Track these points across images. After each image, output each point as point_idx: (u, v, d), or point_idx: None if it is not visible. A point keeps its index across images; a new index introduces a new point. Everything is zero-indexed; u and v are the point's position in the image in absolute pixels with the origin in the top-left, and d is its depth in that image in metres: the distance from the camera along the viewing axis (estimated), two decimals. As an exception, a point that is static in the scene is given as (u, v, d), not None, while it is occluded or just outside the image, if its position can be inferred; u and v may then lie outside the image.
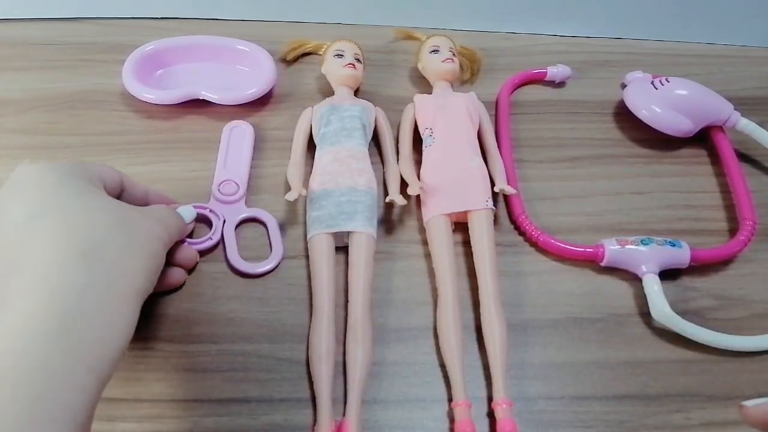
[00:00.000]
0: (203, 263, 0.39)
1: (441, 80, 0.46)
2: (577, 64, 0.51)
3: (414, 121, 0.45)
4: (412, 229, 0.41)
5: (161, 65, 0.48)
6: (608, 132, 0.48)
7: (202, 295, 0.37)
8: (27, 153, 0.44)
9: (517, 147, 0.46)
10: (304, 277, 0.38)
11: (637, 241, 0.39)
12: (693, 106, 0.45)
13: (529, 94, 0.50)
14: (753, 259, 0.41)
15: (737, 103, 0.46)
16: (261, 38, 0.49)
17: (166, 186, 0.42)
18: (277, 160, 0.44)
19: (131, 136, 0.45)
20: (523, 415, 0.34)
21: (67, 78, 0.48)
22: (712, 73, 0.52)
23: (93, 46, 0.50)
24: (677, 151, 0.47)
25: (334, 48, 0.46)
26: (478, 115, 0.44)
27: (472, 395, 0.34)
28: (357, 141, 0.41)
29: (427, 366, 0.35)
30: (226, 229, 0.40)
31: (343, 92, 0.45)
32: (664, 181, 0.45)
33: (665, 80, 0.45)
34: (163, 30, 0.51)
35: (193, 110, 0.46)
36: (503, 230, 0.41)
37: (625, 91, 0.47)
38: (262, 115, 0.46)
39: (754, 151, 0.47)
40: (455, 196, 0.40)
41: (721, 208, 0.44)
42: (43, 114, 0.46)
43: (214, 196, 0.41)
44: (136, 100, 0.46)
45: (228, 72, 0.49)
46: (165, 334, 0.36)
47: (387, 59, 0.51)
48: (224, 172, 0.42)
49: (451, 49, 0.47)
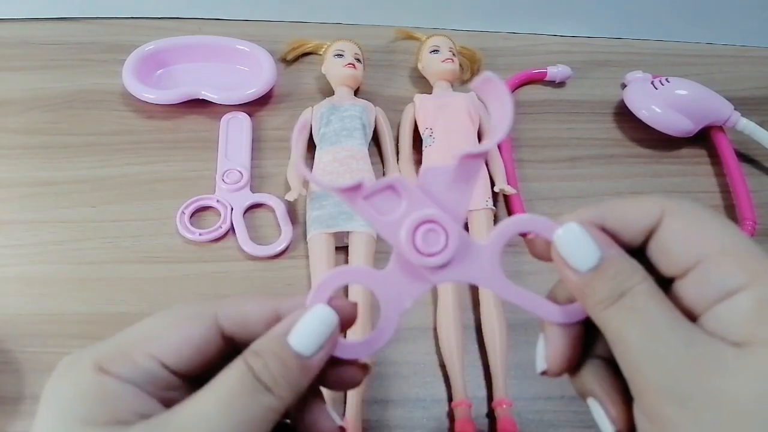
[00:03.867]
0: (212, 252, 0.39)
1: (441, 80, 0.46)
2: (577, 64, 0.51)
3: (414, 121, 0.45)
4: (412, 229, 0.41)
5: (161, 65, 0.48)
6: (608, 132, 0.48)
7: (202, 295, 0.37)
8: (27, 153, 0.44)
9: (517, 147, 0.46)
10: (304, 277, 0.38)
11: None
12: (693, 106, 0.45)
13: (529, 94, 0.50)
14: (753, 259, 0.41)
15: (737, 103, 0.46)
16: (261, 38, 0.49)
17: (166, 186, 0.42)
18: (277, 160, 0.44)
19: (131, 136, 0.45)
20: (523, 415, 0.34)
21: (67, 78, 0.48)
22: (712, 73, 0.52)
23: (93, 46, 0.50)
24: (677, 151, 0.47)
25: (334, 48, 0.46)
26: (478, 115, 0.44)
27: (472, 395, 0.34)
28: (357, 141, 0.41)
29: (427, 366, 0.35)
30: (234, 216, 0.40)
31: (343, 92, 0.45)
32: (664, 181, 0.45)
33: (665, 80, 0.45)
34: (163, 30, 0.51)
35: (193, 110, 0.46)
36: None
37: (625, 91, 0.47)
38: (262, 115, 0.46)
39: (754, 151, 0.47)
40: (455, 196, 0.40)
41: (721, 208, 0.44)
42: (43, 114, 0.46)
43: (220, 186, 0.41)
44: (136, 100, 0.46)
45: (228, 72, 0.49)
46: (165, 334, 0.36)
47: (387, 59, 0.51)
48: (226, 162, 0.43)
49: (451, 49, 0.47)
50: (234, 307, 0.20)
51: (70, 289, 0.37)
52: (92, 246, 0.39)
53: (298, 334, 0.19)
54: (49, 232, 0.40)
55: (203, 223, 0.40)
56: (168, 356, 0.19)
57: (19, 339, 0.35)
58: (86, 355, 0.19)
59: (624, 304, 0.18)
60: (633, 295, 0.18)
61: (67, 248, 0.39)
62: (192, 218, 0.40)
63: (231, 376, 0.18)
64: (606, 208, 0.20)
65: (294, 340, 0.19)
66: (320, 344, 0.19)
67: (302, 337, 0.19)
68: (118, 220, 0.40)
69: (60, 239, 0.39)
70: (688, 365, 0.17)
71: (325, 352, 0.19)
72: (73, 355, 0.20)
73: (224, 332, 0.20)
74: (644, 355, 0.18)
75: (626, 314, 0.18)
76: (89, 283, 0.38)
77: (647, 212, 0.19)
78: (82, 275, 0.38)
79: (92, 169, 0.43)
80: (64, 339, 0.36)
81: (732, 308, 0.17)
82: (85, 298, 0.37)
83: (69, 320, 0.36)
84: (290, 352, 0.19)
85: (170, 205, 0.41)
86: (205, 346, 0.20)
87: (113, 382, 0.19)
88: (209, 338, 0.20)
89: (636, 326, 0.18)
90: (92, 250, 0.39)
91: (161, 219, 0.40)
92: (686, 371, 0.17)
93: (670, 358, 0.17)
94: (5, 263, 0.38)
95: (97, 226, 0.40)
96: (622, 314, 0.18)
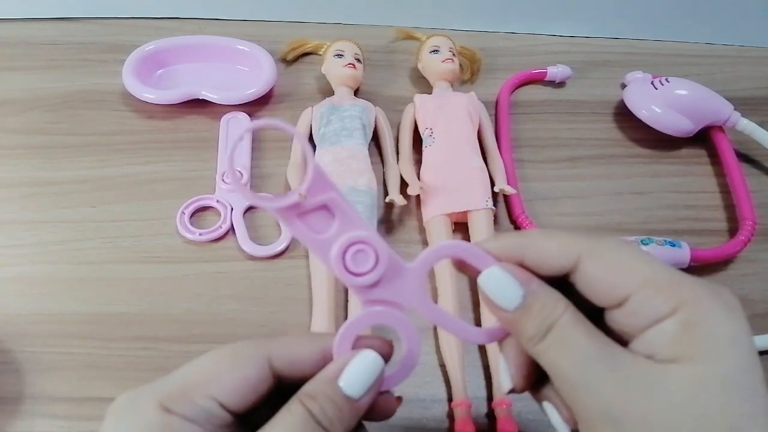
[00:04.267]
0: (212, 252, 0.39)
1: (441, 80, 0.46)
2: (577, 64, 0.51)
3: (414, 121, 0.45)
4: (412, 229, 0.41)
5: (161, 65, 0.48)
6: (608, 132, 0.48)
7: (202, 295, 0.37)
8: (27, 153, 0.44)
9: (517, 147, 0.46)
10: (304, 277, 0.38)
11: (637, 242, 0.39)
12: (693, 106, 0.45)
13: (529, 94, 0.50)
14: (753, 259, 0.41)
15: (737, 103, 0.46)
16: (261, 38, 0.49)
17: (166, 186, 0.42)
18: (277, 160, 0.44)
19: (131, 136, 0.45)
20: (523, 415, 0.34)
21: (68, 78, 0.48)
22: (712, 73, 0.52)
23: (93, 46, 0.50)
24: (677, 151, 0.47)
25: (334, 48, 0.46)
26: (478, 115, 0.44)
27: (472, 395, 0.34)
28: (357, 141, 0.41)
29: (427, 366, 0.35)
30: (234, 216, 0.40)
31: (343, 92, 0.45)
32: (664, 181, 0.45)
33: (665, 80, 0.45)
34: (163, 30, 0.51)
35: (193, 110, 0.46)
36: (503, 230, 0.41)
37: (625, 91, 0.47)
38: (262, 115, 0.46)
39: (754, 151, 0.47)
40: (455, 196, 0.40)
41: (721, 208, 0.44)
42: (43, 114, 0.46)
43: (220, 186, 0.41)
44: (136, 100, 0.46)
45: (228, 72, 0.49)
46: (165, 334, 0.36)
47: (387, 59, 0.51)
48: (226, 162, 0.43)
49: (451, 49, 0.47)
50: (285, 348, 0.22)
51: (70, 289, 0.37)
52: (92, 246, 0.39)
53: (348, 379, 0.20)
54: (49, 232, 0.40)
55: (203, 223, 0.40)
56: (227, 396, 0.20)
57: (19, 339, 0.35)
58: (147, 395, 0.20)
59: (552, 338, 0.19)
60: (558, 328, 0.19)
61: (67, 248, 0.39)
62: (192, 218, 0.40)
63: (291, 417, 0.20)
64: (526, 241, 0.21)
65: (345, 383, 0.20)
66: (368, 388, 0.21)
67: (352, 382, 0.21)
68: (118, 220, 0.40)
69: (60, 239, 0.39)
70: (616, 388, 0.18)
71: (373, 394, 0.21)
72: (131, 392, 0.20)
73: (274, 371, 0.21)
74: (576, 384, 0.19)
75: (555, 348, 0.19)
76: (89, 283, 0.38)
77: (564, 253, 0.20)
78: (82, 275, 0.38)
79: (92, 169, 0.43)
80: (64, 339, 0.36)
81: (660, 332, 0.18)
82: (85, 298, 0.37)
83: (69, 320, 0.36)
84: (342, 395, 0.20)
85: (170, 205, 0.41)
86: (259, 386, 0.21)
87: (179, 421, 0.19)
88: (263, 378, 0.21)
89: (565, 358, 0.19)
90: (92, 250, 0.39)
91: (161, 219, 0.40)
92: (615, 395, 0.18)
93: (599, 385, 0.18)
94: (5, 263, 0.38)
95: (97, 226, 0.40)
96: (552, 348, 0.19)
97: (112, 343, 0.35)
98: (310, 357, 0.21)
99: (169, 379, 0.21)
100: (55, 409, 0.33)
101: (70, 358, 0.35)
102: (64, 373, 0.34)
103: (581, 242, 0.20)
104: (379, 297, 0.22)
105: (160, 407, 0.19)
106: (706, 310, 0.18)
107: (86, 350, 0.35)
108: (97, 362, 0.35)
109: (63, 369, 0.34)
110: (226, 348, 0.21)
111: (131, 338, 0.36)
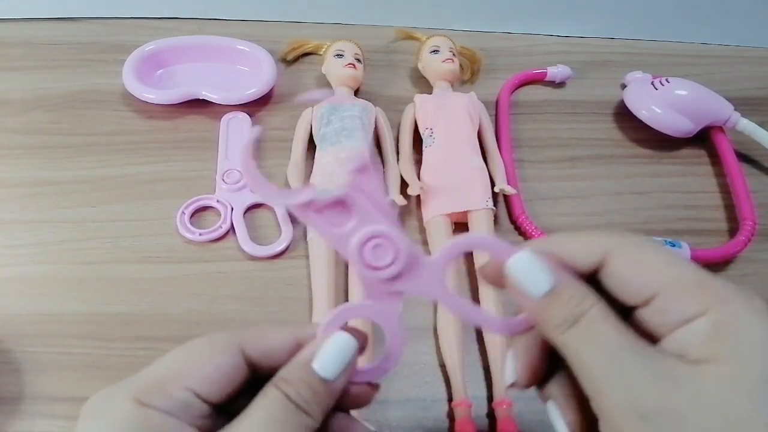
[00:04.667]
0: (212, 252, 0.39)
1: (441, 80, 0.46)
2: (577, 64, 0.51)
3: (414, 121, 0.45)
4: (412, 229, 0.41)
5: (161, 65, 0.48)
6: (608, 132, 0.48)
7: (202, 295, 0.37)
8: (27, 153, 0.44)
9: (517, 147, 0.46)
10: (304, 277, 0.38)
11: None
12: (693, 106, 0.45)
13: (529, 94, 0.50)
14: (753, 259, 0.41)
15: (737, 103, 0.46)
16: (261, 38, 0.50)
17: (166, 186, 0.42)
18: (277, 160, 0.44)
19: (131, 136, 0.45)
20: (523, 415, 0.34)
21: (68, 78, 0.48)
22: (712, 73, 0.52)
23: (93, 46, 0.50)
24: (677, 151, 0.47)
25: (334, 48, 0.46)
26: (478, 115, 0.44)
27: (472, 395, 0.34)
28: (357, 141, 0.41)
29: (427, 366, 0.35)
30: (234, 216, 0.40)
31: (343, 92, 0.45)
32: (664, 181, 0.45)
33: (665, 80, 0.45)
34: (163, 30, 0.51)
35: (193, 110, 0.46)
36: (503, 230, 0.41)
37: (625, 91, 0.47)
38: (262, 115, 0.46)
39: (754, 151, 0.47)
40: (455, 197, 0.40)
41: (721, 208, 0.44)
42: (43, 114, 0.46)
43: (220, 186, 0.41)
44: (137, 100, 0.46)
45: (228, 72, 0.49)
46: (165, 334, 0.36)
47: (387, 59, 0.51)
48: (226, 162, 0.43)
49: (451, 49, 0.47)
50: (258, 337, 0.22)
51: (70, 289, 0.37)
52: (92, 246, 0.39)
53: (322, 361, 0.20)
54: (49, 232, 0.40)
55: (203, 223, 0.40)
56: (202, 387, 0.20)
57: (19, 339, 0.35)
58: (122, 391, 0.20)
59: (581, 328, 0.19)
60: (588, 319, 0.19)
61: (67, 248, 0.39)
62: (192, 218, 0.40)
63: (268, 401, 0.20)
64: (551, 243, 0.21)
65: (318, 366, 0.20)
66: (342, 369, 0.21)
67: (326, 363, 0.20)
68: (118, 220, 0.40)
69: (60, 239, 0.39)
70: (648, 384, 0.18)
71: (347, 375, 0.21)
72: (104, 390, 0.20)
73: (248, 361, 0.21)
74: (604, 375, 0.18)
75: (584, 337, 0.19)
76: (89, 283, 0.38)
77: (590, 251, 0.20)
78: (82, 275, 0.38)
79: (92, 169, 0.43)
80: (64, 339, 0.35)
81: (691, 332, 0.18)
82: (85, 298, 0.37)
83: (69, 320, 0.36)
84: (317, 377, 0.20)
85: (170, 205, 0.41)
86: (234, 375, 0.21)
87: (157, 414, 0.19)
88: (237, 367, 0.21)
89: (594, 348, 0.19)
90: (92, 250, 0.39)
91: (161, 219, 0.40)
92: (646, 389, 0.17)
93: (629, 378, 0.18)
94: (5, 263, 0.38)
95: (97, 226, 0.40)
96: (580, 337, 0.19)
97: (112, 343, 0.35)
98: (284, 346, 0.21)
99: (142, 374, 0.20)
100: (55, 409, 0.33)
101: (70, 358, 0.35)
102: (64, 373, 0.34)
103: (607, 240, 0.20)
104: (399, 290, 0.22)
105: (135, 402, 0.19)
106: (736, 312, 0.18)
107: (86, 350, 0.35)
108: (97, 362, 0.35)
109: (63, 369, 0.34)
110: (199, 340, 0.21)
111: (131, 338, 0.36)
